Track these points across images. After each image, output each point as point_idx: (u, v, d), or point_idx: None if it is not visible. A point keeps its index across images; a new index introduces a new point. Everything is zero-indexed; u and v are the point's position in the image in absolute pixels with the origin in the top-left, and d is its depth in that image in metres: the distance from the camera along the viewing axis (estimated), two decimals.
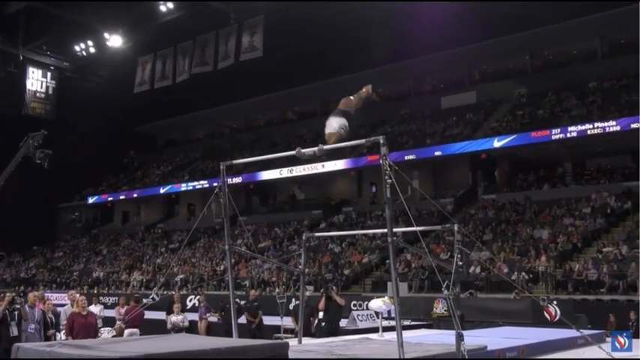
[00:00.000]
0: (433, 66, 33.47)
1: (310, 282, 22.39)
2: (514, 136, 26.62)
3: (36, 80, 31.35)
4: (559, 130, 25.27)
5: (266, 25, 24.92)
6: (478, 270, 20.75)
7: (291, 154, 7.45)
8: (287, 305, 14.27)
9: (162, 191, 40.09)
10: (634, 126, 22.95)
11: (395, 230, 7.06)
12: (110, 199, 43.24)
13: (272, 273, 25.90)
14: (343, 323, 13.16)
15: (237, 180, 34.37)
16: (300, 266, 9.83)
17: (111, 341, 7.84)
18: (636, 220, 21.22)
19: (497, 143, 26.95)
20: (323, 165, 31.26)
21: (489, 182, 30.22)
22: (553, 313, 8.74)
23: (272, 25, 25.20)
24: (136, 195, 41.59)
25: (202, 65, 26.81)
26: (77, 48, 31.09)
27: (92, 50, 30.67)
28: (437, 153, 28.81)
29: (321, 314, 11.89)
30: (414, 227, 8.75)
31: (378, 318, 11.21)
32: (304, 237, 9.60)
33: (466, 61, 33.15)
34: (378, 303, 10.91)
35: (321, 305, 11.79)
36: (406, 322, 13.64)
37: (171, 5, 26.36)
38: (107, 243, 40.51)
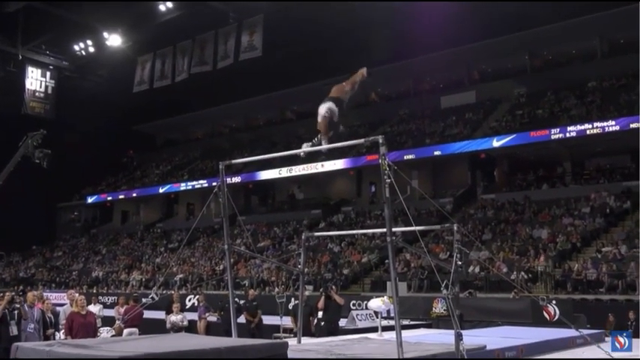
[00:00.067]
0: (432, 66, 33.44)
1: (309, 281, 22.38)
2: (513, 136, 26.64)
3: (35, 80, 31.33)
4: (558, 130, 25.28)
5: (265, 25, 24.91)
6: (477, 270, 20.76)
7: (290, 154, 7.43)
8: (286, 305, 14.27)
9: (161, 191, 40.08)
10: (633, 126, 22.96)
11: (394, 230, 7.07)
12: (109, 199, 43.22)
13: (271, 272, 25.89)
14: (342, 323, 13.15)
15: (236, 179, 34.38)
16: (299, 266, 9.83)
17: (110, 341, 7.84)
18: (635, 220, 21.24)
19: (496, 143, 26.97)
20: (322, 164, 31.25)
21: (488, 182, 30.23)
22: (552, 313, 8.76)
23: (271, 25, 25.18)
24: (135, 194, 41.58)
25: (202, 65, 26.81)
26: (76, 47, 31.08)
27: (91, 50, 30.67)
28: (436, 153, 28.82)
29: (321, 314, 11.88)
30: (414, 227, 8.77)
31: (378, 317, 11.21)
32: (303, 236, 9.60)
33: (465, 61, 33.14)
34: (377, 302, 10.91)
35: (321, 305, 11.79)
36: (405, 322, 13.64)
37: (170, 5, 26.36)
38: (106, 242, 40.49)
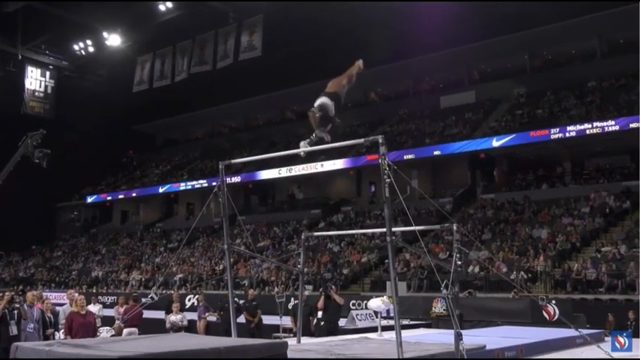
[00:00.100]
0: (432, 65, 33.44)
1: (309, 281, 22.38)
2: (513, 136, 26.64)
3: (35, 79, 31.35)
4: (558, 130, 25.29)
5: (265, 25, 24.93)
6: (477, 269, 20.76)
7: (290, 154, 7.40)
8: (286, 304, 14.27)
9: (161, 190, 40.07)
10: (633, 125, 22.96)
11: (394, 230, 7.06)
12: (109, 199, 43.20)
13: (271, 272, 25.89)
14: (342, 322, 13.15)
15: (236, 179, 34.37)
16: (299, 265, 9.82)
17: (110, 340, 7.83)
18: (635, 220, 21.24)
19: (496, 143, 26.97)
20: (322, 164, 31.27)
21: (488, 182, 30.23)
22: (552, 313, 8.75)
23: (271, 25, 25.20)
24: (135, 194, 41.57)
25: (201, 65, 26.84)
26: (76, 47, 31.10)
27: (91, 49, 30.69)
28: (436, 152, 28.82)
29: (320, 313, 11.87)
30: (413, 227, 8.77)
31: (377, 317, 11.20)
32: (303, 236, 9.60)
33: (465, 61, 33.13)
34: (377, 302, 10.90)
35: (320, 304, 11.78)
36: (405, 322, 13.64)
37: (170, 4, 26.38)
38: (106, 242, 40.48)
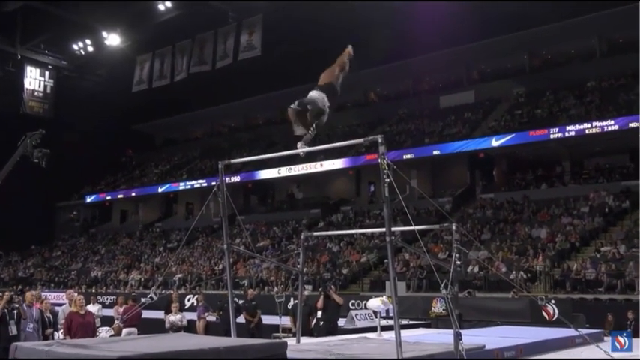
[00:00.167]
0: (432, 65, 33.43)
1: (309, 281, 22.37)
2: (512, 136, 26.65)
3: (34, 79, 31.38)
4: (557, 130, 25.30)
5: (264, 25, 24.94)
6: (476, 269, 20.77)
7: (289, 154, 7.39)
8: (285, 304, 14.27)
9: (160, 190, 40.06)
10: (632, 125, 22.94)
11: (393, 229, 7.06)
12: (108, 198, 43.20)
13: (270, 272, 25.89)
14: (342, 322, 13.15)
15: (235, 179, 34.36)
16: (298, 265, 9.82)
17: (109, 340, 7.83)
18: (634, 219, 21.23)
19: (495, 142, 26.98)
20: (321, 164, 31.26)
21: (487, 181, 30.24)
22: (551, 313, 8.75)
23: (270, 25, 25.20)
24: (134, 194, 41.56)
25: (201, 64, 26.85)
26: (75, 47, 31.12)
27: (90, 49, 30.71)
28: (435, 152, 28.82)
29: (320, 313, 11.87)
30: (413, 226, 8.77)
31: (377, 317, 11.20)
32: (302, 236, 9.59)
33: (464, 61, 33.14)
34: (377, 302, 10.90)
35: (320, 304, 11.78)
36: (404, 322, 13.64)
37: (169, 4, 26.41)
38: (105, 242, 40.47)
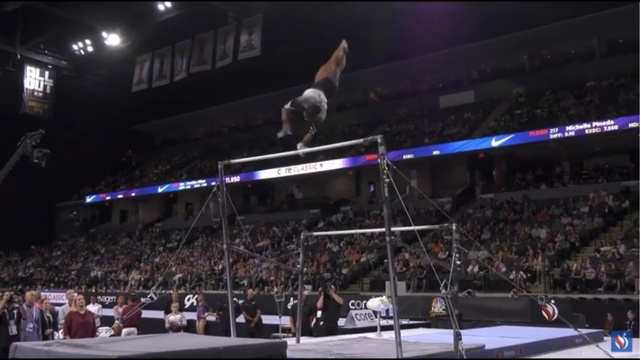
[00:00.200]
0: (431, 65, 33.43)
1: (308, 281, 22.38)
2: (512, 136, 26.65)
3: (34, 79, 31.37)
4: (557, 130, 25.30)
5: (264, 25, 24.93)
6: (476, 269, 20.77)
7: (289, 154, 7.37)
8: (285, 304, 14.26)
9: (160, 190, 40.05)
10: (632, 125, 22.95)
11: (393, 229, 7.06)
12: (108, 198, 43.21)
13: (270, 272, 25.89)
14: (341, 322, 13.15)
15: (235, 179, 34.36)
16: (298, 265, 9.82)
17: (109, 340, 7.82)
18: (634, 219, 21.24)
19: (495, 142, 26.98)
20: (321, 164, 31.27)
21: (487, 181, 30.25)
22: (551, 312, 8.77)
23: (270, 24, 25.19)
24: (134, 194, 41.56)
25: (200, 64, 26.84)
26: (75, 47, 31.12)
27: (90, 49, 30.71)
28: (435, 152, 28.82)
29: (320, 313, 11.87)
30: (412, 226, 8.77)
31: (376, 317, 11.20)
32: (302, 236, 9.60)
33: (464, 61, 33.14)
34: (376, 302, 10.91)
35: (320, 304, 11.78)
36: (404, 322, 13.64)
37: (169, 4, 26.41)
38: (105, 242, 40.47)
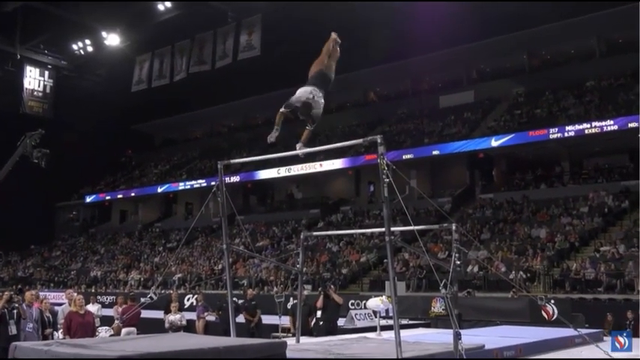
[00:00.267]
0: (431, 65, 33.42)
1: (308, 281, 22.38)
2: (512, 136, 26.65)
3: (33, 79, 31.35)
4: (557, 130, 25.30)
5: (264, 24, 24.92)
6: (476, 269, 20.77)
7: (289, 154, 7.38)
8: (285, 304, 14.27)
9: (159, 190, 40.04)
10: (631, 125, 22.97)
11: (393, 229, 7.07)
12: (108, 198, 43.20)
13: (270, 272, 25.89)
14: (341, 322, 13.15)
15: (234, 179, 34.36)
16: (297, 265, 9.83)
17: (108, 340, 7.83)
18: (634, 219, 21.24)
19: (494, 142, 26.98)
20: (321, 164, 31.27)
21: (487, 181, 30.25)
22: (550, 312, 8.77)
23: (270, 24, 25.18)
24: (134, 194, 41.55)
25: (200, 64, 26.84)
26: (75, 47, 31.10)
27: (90, 49, 30.68)
28: (435, 152, 28.82)
29: (319, 313, 11.88)
30: (412, 226, 8.77)
31: (376, 317, 11.21)
32: (302, 236, 9.61)
33: (464, 61, 33.13)
34: (376, 302, 10.92)
35: (319, 304, 11.79)
36: (404, 321, 13.64)
37: (168, 4, 26.39)
38: (105, 242, 40.46)
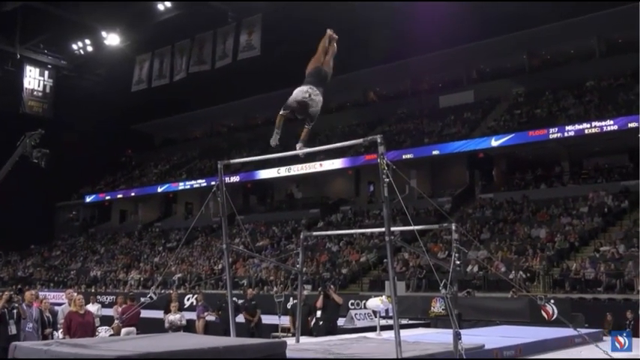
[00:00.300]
0: (431, 65, 33.40)
1: (308, 281, 22.38)
2: (512, 135, 26.66)
3: (33, 79, 31.32)
4: (556, 130, 25.31)
5: (264, 24, 24.91)
6: (476, 269, 20.77)
7: (289, 154, 7.37)
8: (285, 304, 14.27)
9: (159, 190, 40.04)
10: (631, 125, 22.99)
11: (392, 229, 7.07)
12: (108, 198, 43.22)
13: (270, 272, 25.89)
14: (341, 322, 13.15)
15: (234, 179, 34.37)
16: (297, 265, 9.83)
17: (108, 340, 7.83)
18: (633, 219, 21.25)
19: (494, 142, 26.99)
20: (321, 164, 31.27)
21: (487, 181, 30.25)
22: (550, 312, 8.77)
23: (270, 24, 25.18)
24: (134, 194, 41.56)
25: (200, 64, 26.83)
26: (75, 46, 31.09)
27: (90, 49, 30.67)
28: (435, 152, 28.83)
29: (319, 313, 11.88)
30: (412, 226, 8.77)
31: (376, 317, 11.21)
32: (302, 236, 9.61)
33: (464, 61, 33.11)
34: (376, 302, 10.91)
35: (319, 304, 11.78)
36: (404, 321, 13.64)
37: (168, 4, 26.38)
38: (105, 242, 40.45)
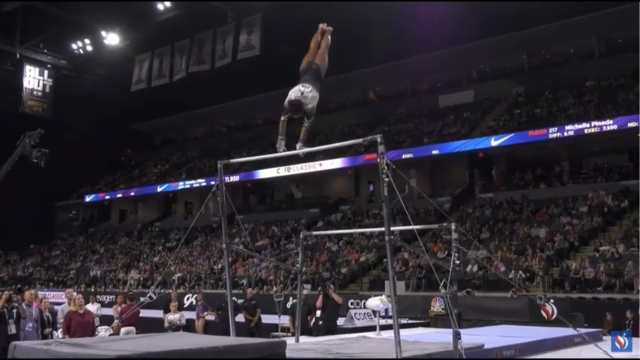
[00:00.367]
0: (430, 65, 33.41)
1: (308, 280, 22.37)
2: (511, 135, 26.67)
3: (33, 78, 31.36)
4: (556, 129, 25.33)
5: (264, 24, 24.95)
6: (475, 269, 20.78)
7: (288, 154, 7.32)
8: (284, 304, 14.26)
9: (159, 190, 40.04)
10: (631, 125, 23.01)
11: (392, 229, 7.06)
12: (107, 198, 43.21)
13: (269, 271, 25.89)
14: (341, 322, 13.15)
15: (234, 178, 34.37)
16: (297, 265, 9.82)
17: (108, 340, 7.82)
18: (633, 219, 21.25)
19: (494, 142, 27.00)
20: (320, 164, 31.28)
21: (487, 181, 30.26)
22: (550, 312, 8.77)
23: (270, 24, 25.20)
24: (133, 193, 41.55)
25: (200, 64, 26.86)
26: (74, 46, 31.14)
27: (89, 48, 30.73)
28: (434, 152, 28.84)
29: (319, 312, 11.87)
30: (412, 226, 8.77)
31: (376, 316, 11.20)
32: (302, 235, 9.60)
33: (463, 60, 33.12)
34: (376, 301, 10.90)
35: (319, 303, 11.78)
36: (403, 321, 13.63)
37: (168, 4, 26.44)
38: (104, 241, 40.45)
